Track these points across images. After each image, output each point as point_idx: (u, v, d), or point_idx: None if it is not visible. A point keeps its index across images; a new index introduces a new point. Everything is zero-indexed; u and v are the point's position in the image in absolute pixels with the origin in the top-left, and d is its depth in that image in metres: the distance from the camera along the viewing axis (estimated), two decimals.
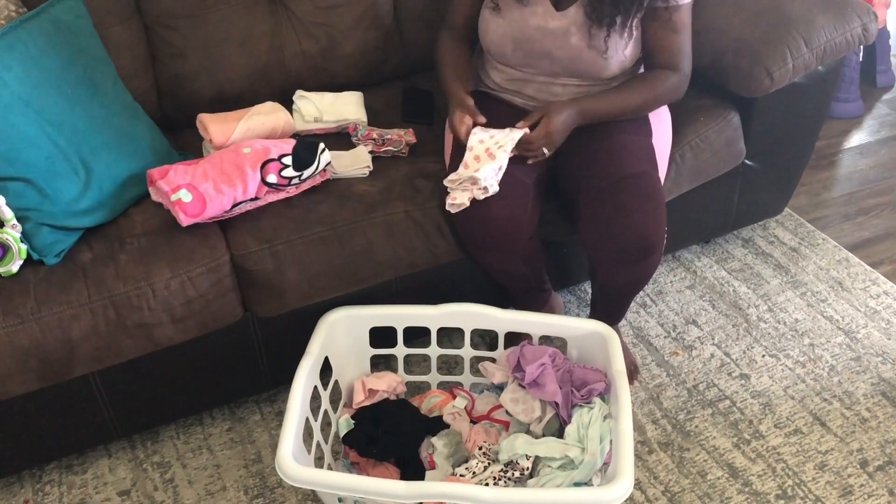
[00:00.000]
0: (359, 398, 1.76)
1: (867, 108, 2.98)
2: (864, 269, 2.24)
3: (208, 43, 1.92)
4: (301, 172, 1.66)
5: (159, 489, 1.76)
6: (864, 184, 2.61)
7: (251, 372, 1.85)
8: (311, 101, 1.92)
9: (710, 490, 1.71)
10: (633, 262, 1.63)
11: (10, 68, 1.56)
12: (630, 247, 1.59)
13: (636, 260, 1.62)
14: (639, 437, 1.82)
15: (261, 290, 1.67)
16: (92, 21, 1.76)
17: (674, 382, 1.94)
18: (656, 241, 1.60)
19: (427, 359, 1.90)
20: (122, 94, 1.77)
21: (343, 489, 1.43)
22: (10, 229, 1.54)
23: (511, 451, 1.59)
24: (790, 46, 1.85)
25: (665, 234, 1.63)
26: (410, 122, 1.96)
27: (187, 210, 1.58)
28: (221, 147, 1.76)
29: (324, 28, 2.00)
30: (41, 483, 1.78)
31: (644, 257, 1.61)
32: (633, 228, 1.58)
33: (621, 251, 1.60)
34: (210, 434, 1.87)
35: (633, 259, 1.62)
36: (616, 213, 1.59)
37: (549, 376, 1.65)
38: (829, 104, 2.12)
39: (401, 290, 1.84)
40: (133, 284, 1.56)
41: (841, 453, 1.77)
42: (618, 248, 1.60)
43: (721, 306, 2.14)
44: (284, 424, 1.49)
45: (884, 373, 1.94)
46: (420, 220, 1.71)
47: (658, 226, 1.60)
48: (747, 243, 2.34)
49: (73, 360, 1.56)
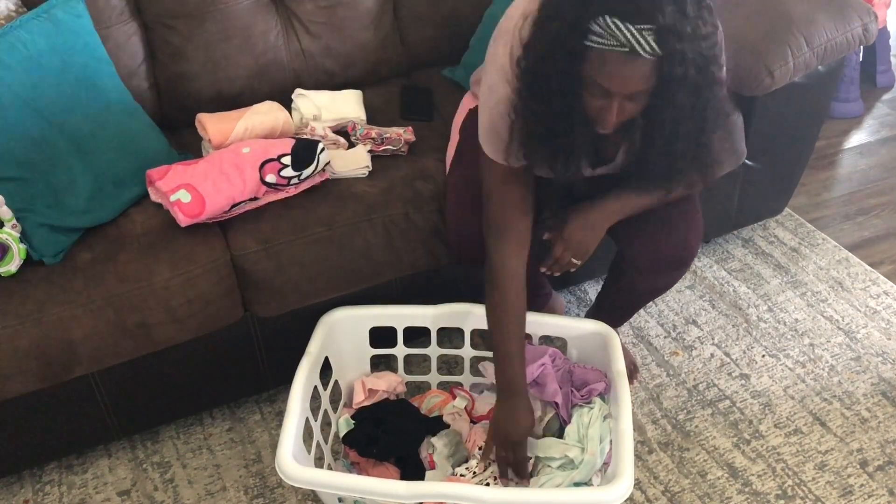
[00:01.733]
0: (359, 398, 1.76)
1: (867, 108, 2.98)
2: (864, 269, 2.24)
3: (208, 43, 1.92)
4: (300, 172, 1.66)
5: (159, 489, 1.76)
6: (864, 184, 2.61)
7: (251, 372, 1.85)
8: (310, 100, 1.92)
9: (710, 490, 1.71)
10: (668, 271, 1.66)
11: (10, 68, 1.56)
12: (670, 257, 1.62)
13: (672, 268, 1.65)
14: (639, 437, 1.81)
15: (261, 290, 1.67)
16: (92, 21, 1.76)
17: (674, 382, 1.94)
18: (694, 251, 1.64)
19: (427, 359, 1.90)
20: (122, 94, 1.77)
21: (343, 489, 1.43)
22: (10, 229, 1.54)
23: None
24: (791, 45, 1.85)
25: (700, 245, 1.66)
26: (410, 120, 1.95)
27: (186, 210, 1.58)
28: (220, 147, 1.75)
29: (324, 28, 2.00)
30: (41, 483, 1.78)
31: (679, 267, 1.65)
32: (676, 239, 1.60)
33: (661, 260, 1.63)
34: (210, 434, 1.87)
35: (670, 268, 1.65)
36: (662, 223, 1.60)
37: (550, 376, 1.66)
38: (829, 104, 2.12)
39: (401, 290, 1.84)
40: (133, 284, 1.56)
41: (841, 453, 1.77)
42: (658, 257, 1.62)
43: (721, 306, 2.14)
44: (284, 424, 1.49)
45: (884, 373, 1.94)
46: (419, 222, 1.71)
47: (698, 238, 1.63)
48: (747, 243, 2.34)
49: (73, 360, 1.56)
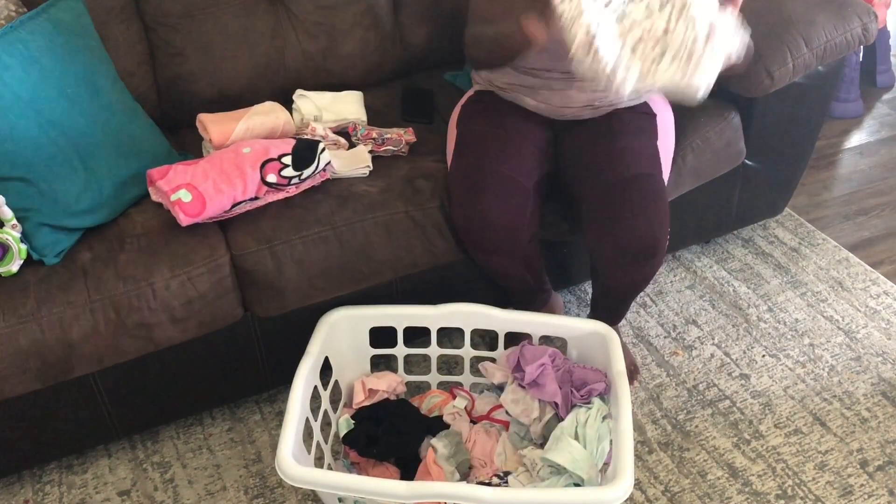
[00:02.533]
0: (359, 398, 1.76)
1: (867, 108, 2.98)
2: (864, 269, 2.24)
3: (208, 43, 1.92)
4: (301, 172, 1.66)
5: (159, 489, 1.76)
6: (864, 184, 2.61)
7: (251, 372, 1.85)
8: (310, 101, 1.93)
9: (710, 490, 1.71)
10: (635, 264, 1.63)
11: (10, 68, 1.56)
12: (633, 248, 1.60)
13: (639, 261, 1.62)
14: (639, 437, 1.82)
15: (261, 290, 1.67)
16: (92, 21, 1.76)
17: (674, 382, 1.94)
18: (659, 243, 1.61)
19: (427, 359, 1.90)
20: (122, 94, 1.77)
21: (343, 489, 1.43)
22: (10, 229, 1.54)
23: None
24: (790, 46, 1.85)
25: (668, 237, 1.63)
26: (410, 122, 1.95)
27: (187, 210, 1.58)
28: (221, 147, 1.75)
29: (324, 28, 2.00)
30: (41, 483, 1.78)
31: (647, 259, 1.62)
32: (637, 230, 1.58)
33: (624, 253, 1.61)
34: (210, 434, 1.87)
35: (636, 260, 1.62)
36: (620, 214, 1.59)
37: (549, 376, 1.66)
38: (829, 104, 2.12)
39: (401, 290, 1.84)
40: (133, 284, 1.56)
41: (841, 453, 1.77)
42: (621, 250, 1.61)
43: (721, 306, 2.14)
44: (284, 424, 1.49)
45: (884, 373, 1.94)
46: (420, 220, 1.71)
47: (662, 228, 1.60)
48: (747, 243, 2.34)
49: (73, 360, 1.56)
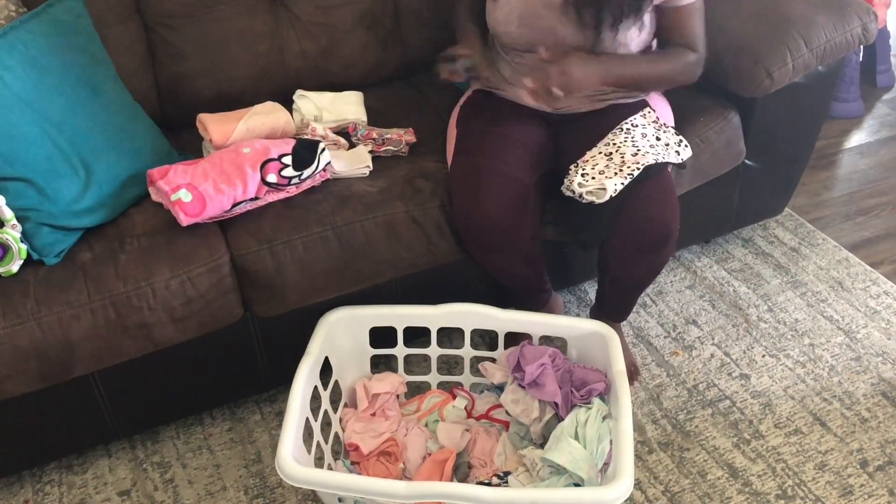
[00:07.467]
0: (363, 405, 1.75)
1: (867, 108, 2.98)
2: (864, 269, 2.24)
3: (208, 43, 1.92)
4: (301, 172, 1.66)
5: (159, 489, 1.76)
6: (864, 184, 2.61)
7: (251, 372, 1.85)
8: (310, 101, 1.92)
9: (710, 490, 1.71)
10: (649, 252, 1.66)
11: (10, 68, 1.56)
12: (648, 235, 1.62)
13: (653, 249, 1.65)
14: (639, 437, 1.82)
15: (261, 290, 1.67)
16: (92, 21, 1.76)
17: (674, 382, 1.94)
18: (673, 229, 1.64)
19: (427, 359, 1.90)
20: (122, 94, 1.77)
21: (343, 489, 1.43)
22: (10, 229, 1.54)
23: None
24: (790, 46, 1.85)
25: (678, 223, 1.66)
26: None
27: (187, 210, 1.58)
28: (221, 147, 1.75)
29: (324, 28, 2.00)
30: (41, 483, 1.78)
31: (661, 246, 1.65)
32: (652, 217, 1.61)
33: (639, 240, 1.63)
34: (210, 434, 1.87)
35: (650, 248, 1.65)
36: (635, 202, 1.60)
37: (549, 376, 1.66)
38: (829, 104, 2.12)
39: (401, 290, 1.84)
40: (133, 284, 1.56)
41: (841, 453, 1.77)
42: (636, 237, 1.63)
43: (721, 306, 2.14)
44: (284, 424, 1.49)
45: (884, 373, 1.94)
46: (420, 220, 1.71)
47: (675, 214, 1.64)
48: (747, 243, 2.34)
49: (73, 360, 1.56)
